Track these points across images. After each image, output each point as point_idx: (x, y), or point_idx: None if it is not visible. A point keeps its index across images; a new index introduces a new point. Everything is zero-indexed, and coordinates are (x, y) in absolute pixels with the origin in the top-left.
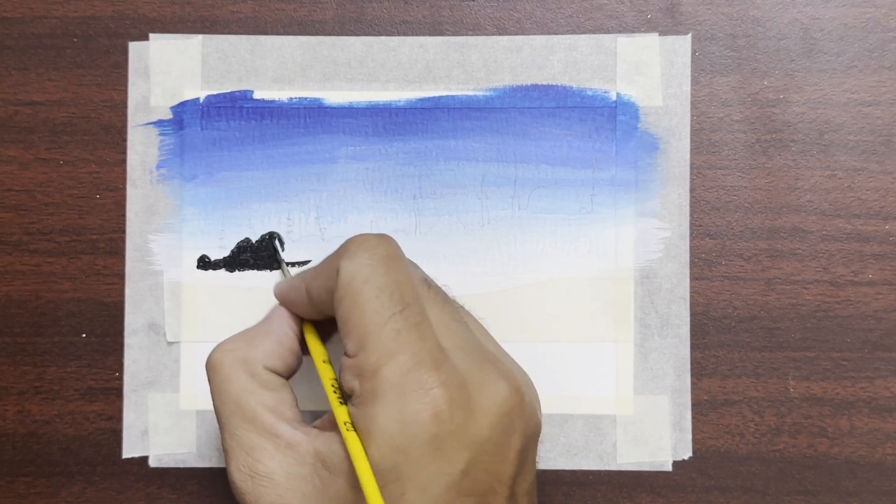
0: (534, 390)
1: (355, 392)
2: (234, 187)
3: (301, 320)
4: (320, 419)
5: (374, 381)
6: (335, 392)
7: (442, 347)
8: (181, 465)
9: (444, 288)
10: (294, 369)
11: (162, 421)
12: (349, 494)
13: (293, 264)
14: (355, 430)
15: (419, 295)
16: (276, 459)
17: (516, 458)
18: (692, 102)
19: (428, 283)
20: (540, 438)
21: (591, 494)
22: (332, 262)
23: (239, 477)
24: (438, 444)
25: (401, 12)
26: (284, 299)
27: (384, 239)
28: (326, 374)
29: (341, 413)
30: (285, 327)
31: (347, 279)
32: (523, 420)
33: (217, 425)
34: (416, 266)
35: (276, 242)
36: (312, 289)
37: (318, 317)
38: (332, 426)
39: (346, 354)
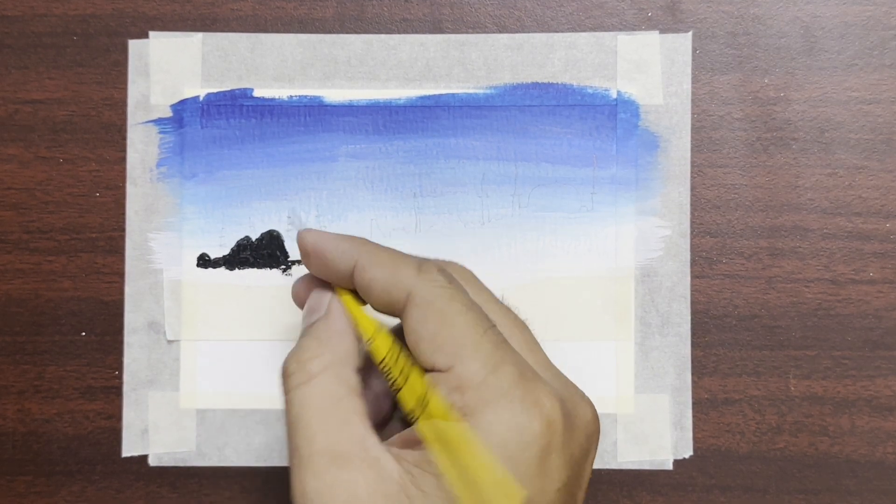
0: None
1: (455, 406)
2: (234, 185)
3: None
4: (392, 438)
5: (480, 390)
6: (389, 378)
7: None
8: (181, 464)
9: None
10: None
11: (161, 420)
12: None
13: (296, 262)
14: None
15: (493, 319)
16: (362, 472)
17: (586, 482)
18: (693, 100)
19: (504, 305)
20: None
21: (591, 493)
22: (402, 271)
23: (314, 486)
24: (546, 457)
25: (401, 10)
26: (319, 252)
27: (460, 268)
28: (378, 355)
29: (408, 398)
30: (349, 320)
31: (430, 299)
32: (595, 445)
33: (213, 426)
34: (483, 284)
35: (283, 234)
36: (367, 272)
37: (349, 286)
38: (411, 444)
39: (435, 371)
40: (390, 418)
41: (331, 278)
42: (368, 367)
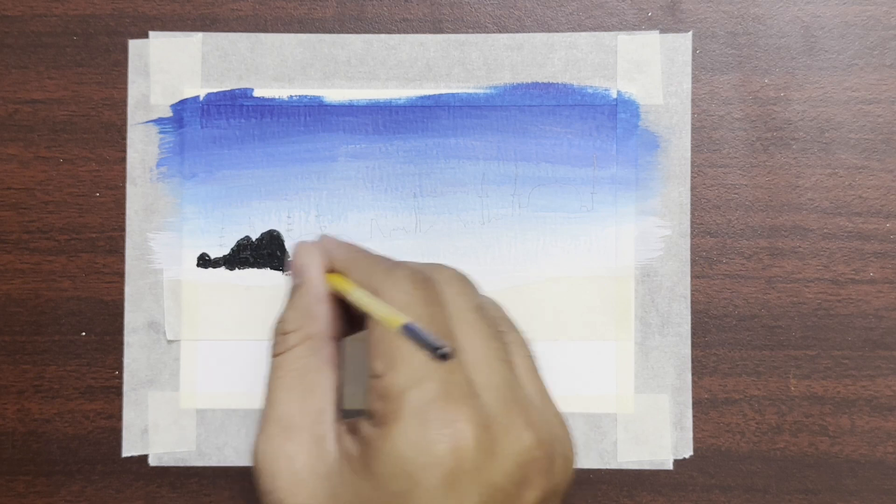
0: (567, 446)
1: (377, 414)
2: (234, 185)
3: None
4: (352, 420)
5: (398, 402)
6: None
7: (473, 384)
8: (181, 464)
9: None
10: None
11: (161, 419)
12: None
13: None
14: (370, 450)
15: (456, 331)
16: (305, 446)
17: None
18: (693, 100)
19: (482, 310)
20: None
21: (591, 493)
22: (376, 275)
23: (264, 449)
24: (451, 481)
25: (401, 10)
26: (328, 244)
27: (428, 280)
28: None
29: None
30: (325, 285)
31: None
32: (544, 476)
33: (213, 425)
34: (473, 292)
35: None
36: (349, 279)
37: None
38: (354, 430)
39: (372, 376)
40: None
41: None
42: None
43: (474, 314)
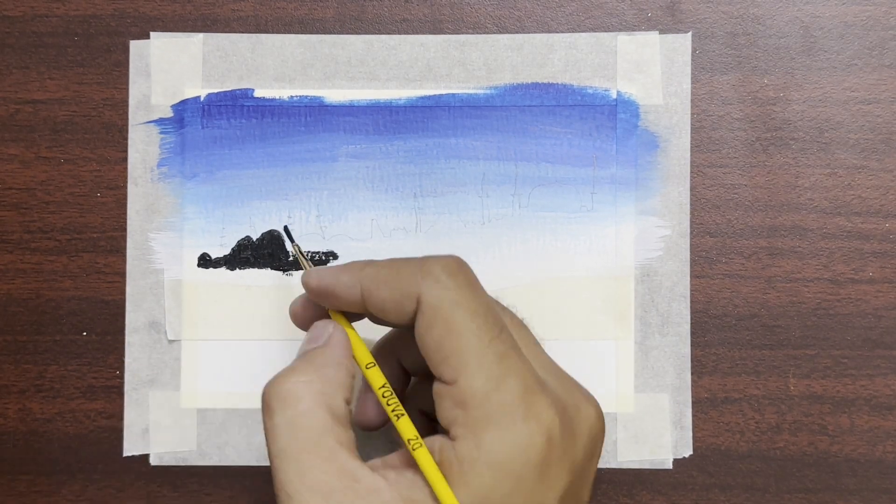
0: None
1: (458, 422)
2: (235, 185)
3: (343, 332)
4: (386, 457)
5: (484, 407)
6: (388, 405)
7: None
8: (182, 464)
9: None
10: None
11: (163, 419)
12: None
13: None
14: (459, 460)
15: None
16: None
17: (593, 482)
18: (692, 100)
19: (501, 305)
20: None
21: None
22: (405, 280)
23: None
24: (546, 468)
25: (401, 10)
26: (325, 290)
27: (461, 262)
28: (376, 381)
29: (405, 429)
30: (348, 352)
31: (435, 304)
32: (602, 444)
33: (214, 425)
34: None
35: (285, 234)
36: (375, 296)
37: (361, 313)
38: (407, 464)
39: (440, 382)
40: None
41: (342, 308)
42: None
43: (496, 302)
